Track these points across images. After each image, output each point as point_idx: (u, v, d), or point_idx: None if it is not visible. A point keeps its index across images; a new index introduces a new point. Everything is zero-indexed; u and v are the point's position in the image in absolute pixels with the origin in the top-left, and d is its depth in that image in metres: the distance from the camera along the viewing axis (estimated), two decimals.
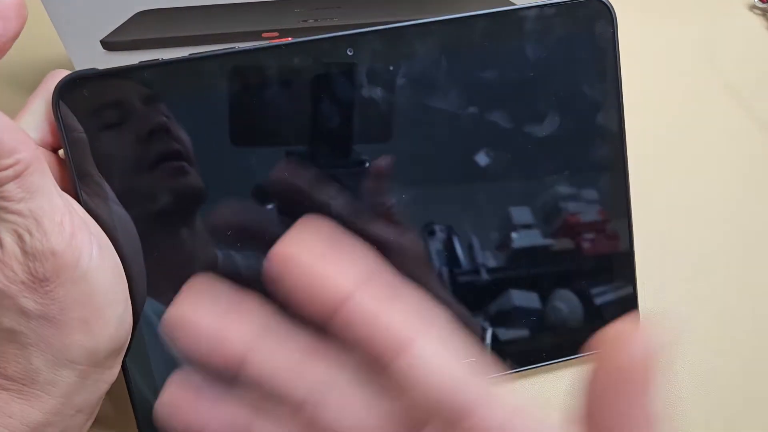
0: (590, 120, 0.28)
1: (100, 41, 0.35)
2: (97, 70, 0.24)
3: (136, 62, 0.25)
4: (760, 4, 0.50)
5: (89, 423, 0.24)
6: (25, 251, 0.21)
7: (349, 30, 0.26)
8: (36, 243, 0.21)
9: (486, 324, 0.28)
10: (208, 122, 0.26)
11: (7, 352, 0.22)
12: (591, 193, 0.29)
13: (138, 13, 0.34)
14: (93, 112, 0.24)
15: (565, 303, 0.29)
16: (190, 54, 0.25)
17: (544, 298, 0.29)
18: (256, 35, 0.37)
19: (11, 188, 0.20)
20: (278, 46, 0.25)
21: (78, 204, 0.24)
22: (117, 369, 0.25)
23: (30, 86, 0.41)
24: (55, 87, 0.24)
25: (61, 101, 0.24)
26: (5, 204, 0.20)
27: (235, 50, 0.25)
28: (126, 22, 0.34)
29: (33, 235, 0.21)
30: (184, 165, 0.26)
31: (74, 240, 0.22)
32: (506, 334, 0.29)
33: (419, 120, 0.27)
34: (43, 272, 0.21)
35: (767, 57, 0.47)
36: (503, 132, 0.28)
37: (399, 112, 0.27)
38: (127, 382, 0.26)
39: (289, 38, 0.25)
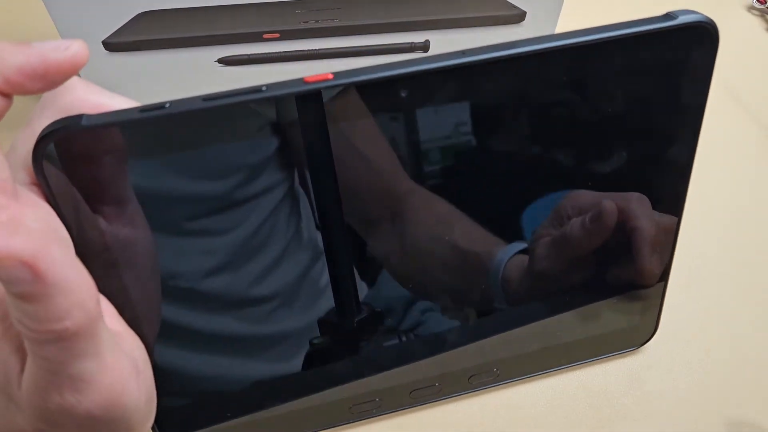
0: (663, 158, 0.27)
1: (102, 42, 0.35)
2: (86, 121, 0.19)
3: (136, 108, 0.19)
4: (758, 5, 0.51)
5: None
6: (48, 409, 0.18)
7: (409, 68, 0.20)
8: (69, 403, 0.17)
9: None
10: (217, 176, 0.23)
11: None
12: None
13: (140, 14, 0.34)
14: (83, 168, 0.19)
15: None
16: (204, 99, 0.20)
17: None
18: (258, 36, 0.37)
19: (50, 351, 0.16)
20: (316, 91, 0.20)
21: (131, 333, 0.21)
22: None
23: None
24: (35, 145, 0.19)
25: (44, 159, 0.19)
26: (41, 362, 0.17)
27: (259, 96, 0.20)
28: (128, 23, 0.34)
29: (64, 397, 0.17)
30: None
31: (122, 399, 0.18)
32: None
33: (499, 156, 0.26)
34: (75, 423, 0.18)
35: (765, 57, 0.47)
36: (572, 172, 0.26)
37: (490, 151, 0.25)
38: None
39: (330, 75, 0.20)
